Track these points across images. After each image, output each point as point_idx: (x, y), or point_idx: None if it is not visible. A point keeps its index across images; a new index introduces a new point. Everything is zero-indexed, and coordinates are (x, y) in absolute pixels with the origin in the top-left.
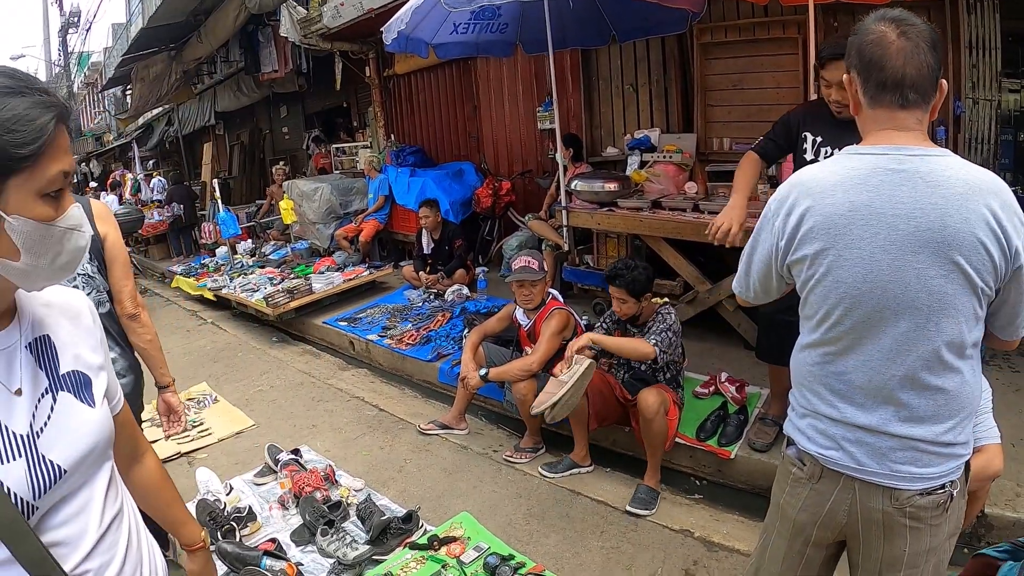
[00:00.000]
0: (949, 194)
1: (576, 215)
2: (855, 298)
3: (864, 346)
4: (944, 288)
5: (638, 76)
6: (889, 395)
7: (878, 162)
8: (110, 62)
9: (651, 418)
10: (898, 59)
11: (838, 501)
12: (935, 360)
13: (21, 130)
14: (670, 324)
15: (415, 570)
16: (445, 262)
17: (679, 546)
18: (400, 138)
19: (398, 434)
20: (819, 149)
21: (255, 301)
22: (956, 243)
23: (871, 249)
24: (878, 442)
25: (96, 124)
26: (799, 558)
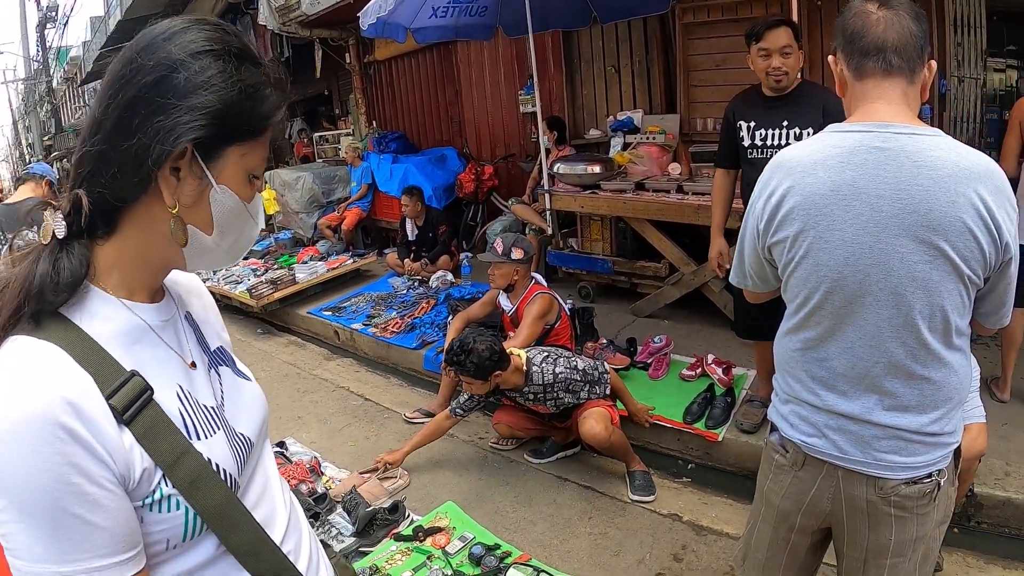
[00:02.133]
0: (936, 176)
1: (559, 198)
2: (835, 282)
3: (846, 332)
4: (929, 274)
5: (620, 57)
6: (872, 383)
7: (863, 139)
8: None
9: (606, 444)
10: (879, 26)
11: (821, 489)
12: (920, 348)
13: (260, 101)
14: (553, 376)
15: (400, 562)
16: (429, 248)
17: (667, 530)
18: (382, 124)
19: (384, 423)
20: (754, 133)
21: (239, 293)
22: (941, 228)
23: (853, 231)
24: (861, 431)
25: (77, 120)
26: (784, 544)
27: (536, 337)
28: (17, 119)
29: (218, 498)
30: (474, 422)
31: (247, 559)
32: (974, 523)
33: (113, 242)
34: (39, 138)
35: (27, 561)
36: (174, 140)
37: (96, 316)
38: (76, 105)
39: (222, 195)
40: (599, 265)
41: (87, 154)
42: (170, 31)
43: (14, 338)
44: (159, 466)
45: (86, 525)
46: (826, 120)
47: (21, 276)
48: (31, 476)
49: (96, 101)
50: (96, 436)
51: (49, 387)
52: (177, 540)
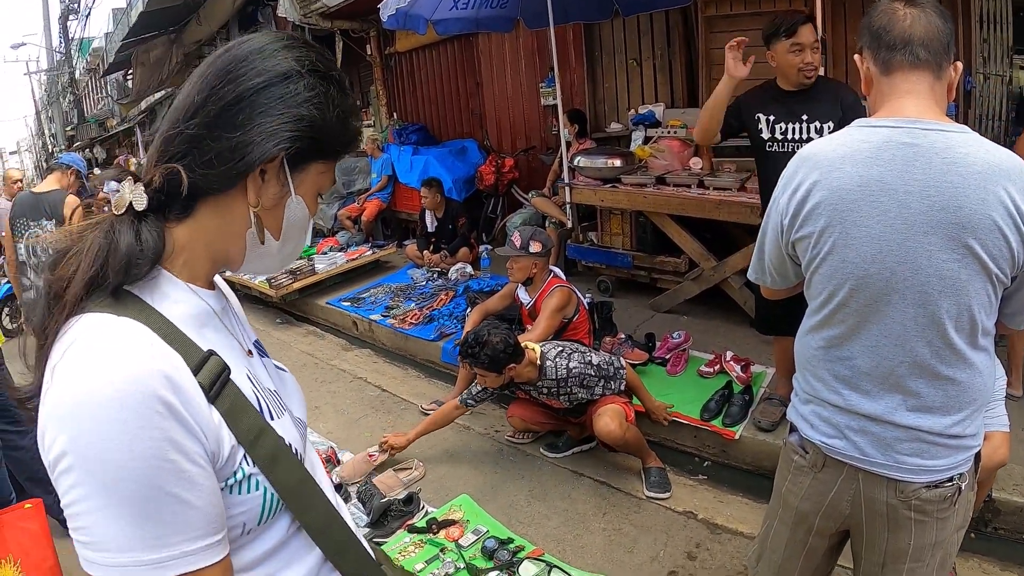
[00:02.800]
0: (966, 173)
1: (579, 192)
2: (861, 279)
3: (870, 330)
4: (957, 273)
5: (642, 50)
6: (897, 382)
7: (891, 135)
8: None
9: (621, 441)
10: (905, 20)
11: (841, 491)
12: (946, 348)
13: (348, 126)
14: (567, 371)
15: (413, 554)
16: (449, 240)
17: (682, 528)
18: (402, 116)
19: (401, 415)
20: (773, 127)
21: (258, 283)
22: (971, 226)
23: (880, 227)
24: (883, 432)
25: (99, 110)
26: (801, 547)
27: (553, 330)
28: (40, 109)
29: (295, 476)
30: (490, 415)
31: (319, 536)
32: (991, 529)
33: (185, 226)
34: (62, 128)
35: (112, 552)
36: (275, 144)
37: (167, 297)
38: (98, 96)
39: (296, 205)
40: (619, 259)
41: (181, 135)
42: (285, 43)
43: (95, 314)
44: (241, 444)
45: (181, 505)
46: (844, 114)
47: (95, 245)
48: (128, 453)
49: (193, 87)
50: (191, 412)
51: (146, 361)
52: (253, 524)
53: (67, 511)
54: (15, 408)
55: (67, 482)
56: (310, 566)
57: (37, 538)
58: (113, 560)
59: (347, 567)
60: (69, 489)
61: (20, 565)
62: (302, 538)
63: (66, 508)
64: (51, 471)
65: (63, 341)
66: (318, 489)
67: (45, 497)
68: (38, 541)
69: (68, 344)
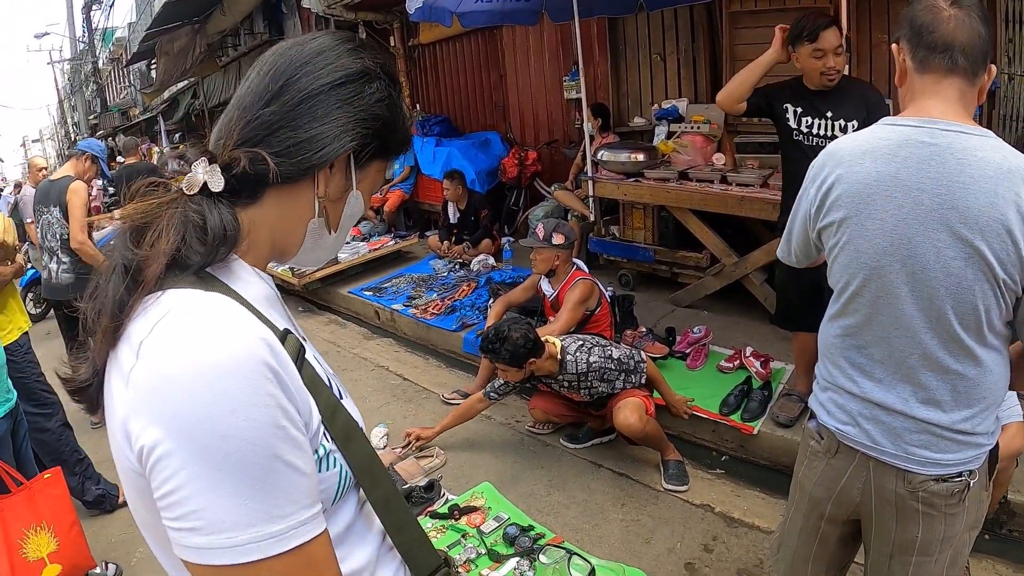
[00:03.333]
0: (978, 175)
1: (602, 185)
2: (873, 270)
3: (882, 320)
4: (963, 272)
5: (666, 45)
6: (908, 373)
7: (911, 134)
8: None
9: (641, 434)
10: (950, 23)
11: (852, 478)
12: (953, 342)
13: (407, 128)
14: (587, 365)
15: (436, 539)
16: (471, 232)
17: (699, 520)
18: (426, 108)
19: (422, 403)
20: (800, 120)
21: (281, 271)
22: (979, 227)
23: (893, 221)
24: (894, 422)
25: (122, 99)
26: (815, 533)
27: (576, 323)
28: (63, 98)
29: (366, 452)
30: (511, 405)
31: (383, 513)
32: (1006, 531)
33: (252, 211)
34: (84, 117)
35: (232, 532)
36: (351, 140)
37: (239, 279)
38: (122, 85)
39: (356, 200)
40: (640, 253)
41: (258, 120)
42: (356, 44)
43: (181, 290)
44: (322, 419)
45: (295, 472)
46: (869, 114)
47: (178, 222)
48: (243, 424)
49: (265, 75)
50: (291, 380)
51: (248, 328)
52: (328, 503)
53: (168, 500)
54: (41, 390)
55: (169, 468)
56: (373, 547)
57: (63, 502)
58: (232, 540)
59: (404, 543)
60: (172, 475)
61: (53, 530)
62: (363, 521)
63: (166, 497)
64: (144, 460)
65: (147, 316)
66: (383, 465)
67: (70, 479)
68: (64, 504)
69: (156, 318)
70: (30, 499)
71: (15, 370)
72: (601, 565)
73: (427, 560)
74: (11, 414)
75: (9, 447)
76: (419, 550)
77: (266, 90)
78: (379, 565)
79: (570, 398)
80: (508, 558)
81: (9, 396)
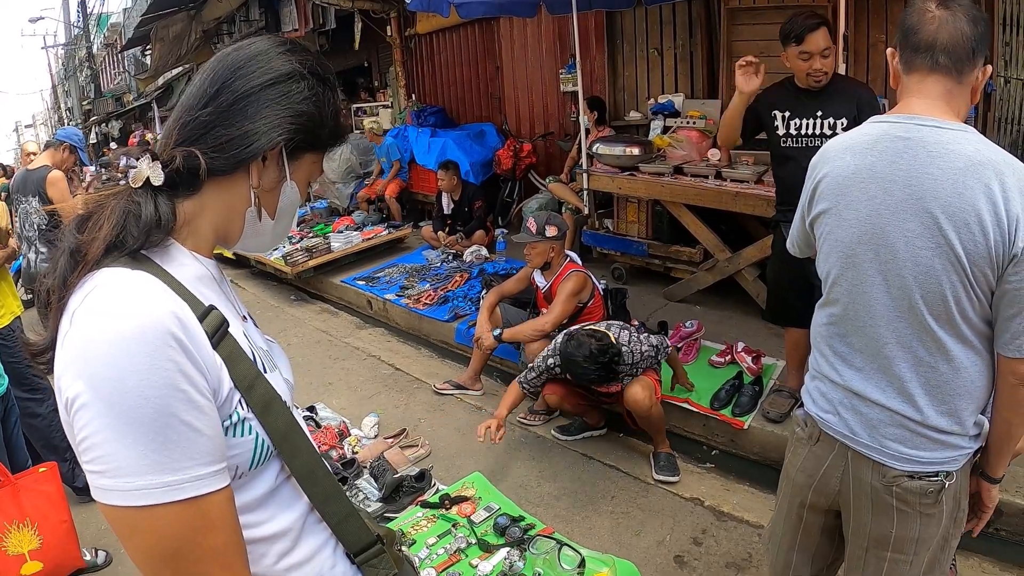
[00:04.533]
0: (946, 166)
1: (597, 179)
2: (849, 258)
3: (859, 309)
4: (932, 263)
5: (663, 40)
6: (884, 363)
7: (889, 129)
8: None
9: (646, 413)
10: (932, 24)
11: (832, 467)
12: (925, 334)
13: (339, 123)
14: (641, 355)
15: (426, 528)
16: (465, 223)
17: (688, 514)
18: (421, 98)
19: (413, 393)
20: (788, 123)
21: (274, 259)
22: (947, 217)
23: (866, 212)
24: (870, 412)
25: (116, 85)
26: (798, 521)
27: (568, 315)
28: (57, 83)
29: (285, 422)
30: (502, 396)
31: (306, 482)
32: (992, 530)
33: (192, 202)
34: (78, 103)
35: (129, 476)
36: (278, 135)
37: (174, 261)
38: (116, 71)
39: (291, 189)
40: (634, 247)
41: (196, 121)
42: (288, 47)
43: (112, 268)
44: (238, 389)
45: (192, 432)
46: (860, 112)
47: (117, 212)
48: (145, 383)
49: (205, 79)
50: (197, 350)
51: (159, 302)
52: (245, 468)
53: (83, 445)
54: (33, 376)
55: (85, 417)
56: (298, 514)
57: (53, 500)
58: (130, 484)
59: (331, 514)
60: (87, 423)
61: (37, 528)
62: (290, 488)
63: (82, 443)
64: (67, 411)
65: (82, 290)
66: (305, 437)
67: (61, 464)
68: (54, 503)
69: (88, 292)
70: (15, 495)
71: (7, 355)
72: (591, 556)
73: (358, 534)
74: (2, 399)
75: None
76: (348, 523)
77: (204, 93)
78: (305, 533)
79: (597, 390)
80: (498, 548)
81: (0, 381)
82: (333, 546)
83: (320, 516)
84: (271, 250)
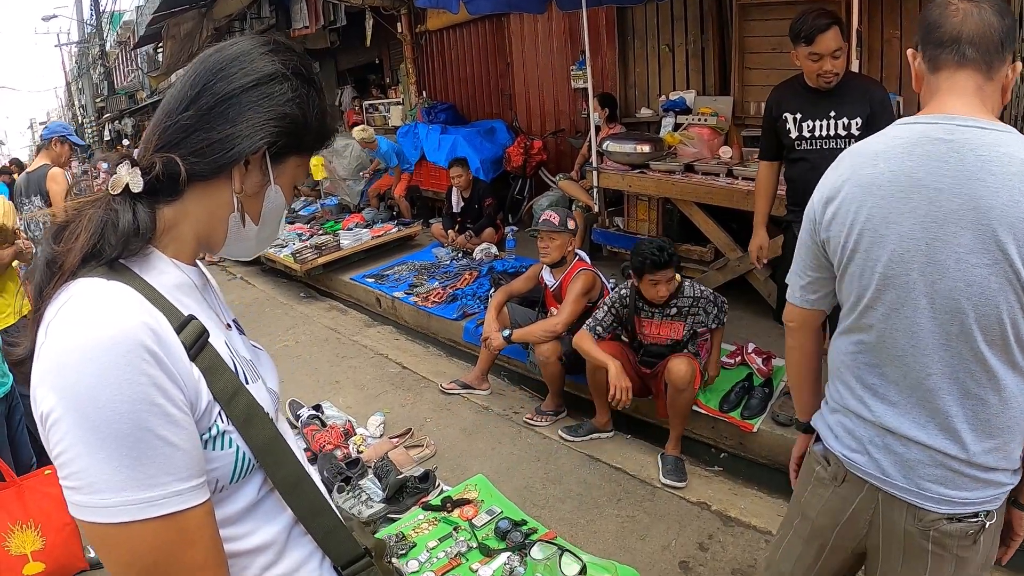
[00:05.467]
0: (1000, 172)
1: (607, 176)
2: (888, 279)
3: (897, 337)
4: (987, 280)
5: (675, 36)
6: (924, 396)
7: (927, 131)
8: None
9: (683, 388)
10: (956, 16)
11: (860, 510)
12: (975, 362)
13: (325, 125)
14: (702, 291)
15: (427, 531)
16: (474, 220)
17: (695, 518)
18: (432, 95)
19: (420, 392)
20: (801, 125)
21: (283, 257)
22: (1006, 227)
23: (909, 225)
24: (907, 452)
25: (129, 82)
26: (814, 562)
27: (579, 314)
28: (70, 81)
29: (267, 434)
30: (510, 396)
31: (290, 495)
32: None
33: (173, 208)
34: (92, 100)
35: (105, 493)
36: (260, 138)
37: (154, 269)
38: (128, 68)
39: (275, 193)
40: None
41: (176, 125)
42: (271, 47)
43: (88, 279)
44: (218, 401)
45: (168, 447)
46: (873, 111)
47: (95, 221)
48: (118, 397)
49: (186, 82)
50: (173, 363)
51: (132, 314)
52: (225, 481)
53: (58, 460)
54: None
55: (59, 432)
56: (281, 527)
57: (58, 502)
58: (105, 501)
59: (317, 528)
60: (61, 438)
61: (40, 529)
62: (274, 500)
63: (57, 457)
64: (42, 425)
65: (57, 301)
66: (289, 449)
67: None
68: (59, 505)
69: (62, 303)
70: (19, 496)
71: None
72: (593, 562)
73: (346, 548)
74: (6, 398)
75: (3, 431)
76: (334, 536)
77: (185, 97)
78: (289, 546)
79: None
80: (499, 552)
81: (4, 380)
82: (319, 559)
83: (305, 529)
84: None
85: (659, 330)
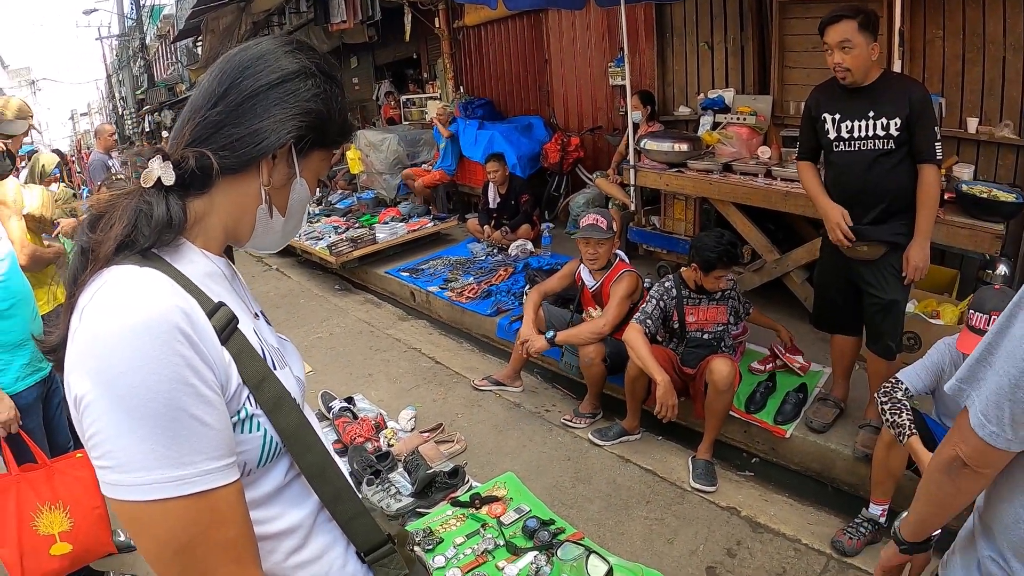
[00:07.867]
0: None
1: (644, 175)
2: None
3: None
4: None
5: (714, 33)
6: None
7: None
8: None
9: (724, 389)
10: None
11: None
12: None
13: (347, 120)
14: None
15: (455, 527)
16: (510, 216)
17: (724, 523)
18: (469, 90)
19: (452, 387)
20: (839, 125)
21: (319, 249)
22: None
23: None
24: None
25: (169, 75)
26: None
27: (623, 316)
28: (111, 73)
29: (295, 419)
30: (542, 394)
31: (316, 480)
32: None
33: (202, 200)
34: (132, 92)
35: (138, 471)
36: (287, 132)
37: (183, 259)
38: (168, 61)
39: (301, 186)
40: (680, 245)
41: (206, 120)
42: (295, 46)
43: (122, 266)
44: (247, 385)
45: (201, 425)
46: (912, 111)
47: (130, 211)
48: (152, 376)
49: (214, 79)
50: (205, 345)
51: (166, 297)
52: (253, 465)
53: (91, 441)
54: None
55: (93, 413)
56: (308, 512)
57: (88, 486)
58: (139, 479)
59: (341, 513)
60: (96, 419)
61: (69, 511)
62: (300, 485)
63: (91, 439)
64: (75, 408)
65: (91, 288)
66: (316, 435)
67: None
68: (88, 489)
69: (96, 289)
70: (49, 478)
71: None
72: (619, 565)
73: (369, 534)
74: (44, 381)
75: (39, 414)
76: (358, 522)
77: (213, 94)
78: (315, 531)
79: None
80: (526, 551)
81: (43, 365)
82: (344, 545)
83: (330, 515)
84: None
85: (706, 315)
